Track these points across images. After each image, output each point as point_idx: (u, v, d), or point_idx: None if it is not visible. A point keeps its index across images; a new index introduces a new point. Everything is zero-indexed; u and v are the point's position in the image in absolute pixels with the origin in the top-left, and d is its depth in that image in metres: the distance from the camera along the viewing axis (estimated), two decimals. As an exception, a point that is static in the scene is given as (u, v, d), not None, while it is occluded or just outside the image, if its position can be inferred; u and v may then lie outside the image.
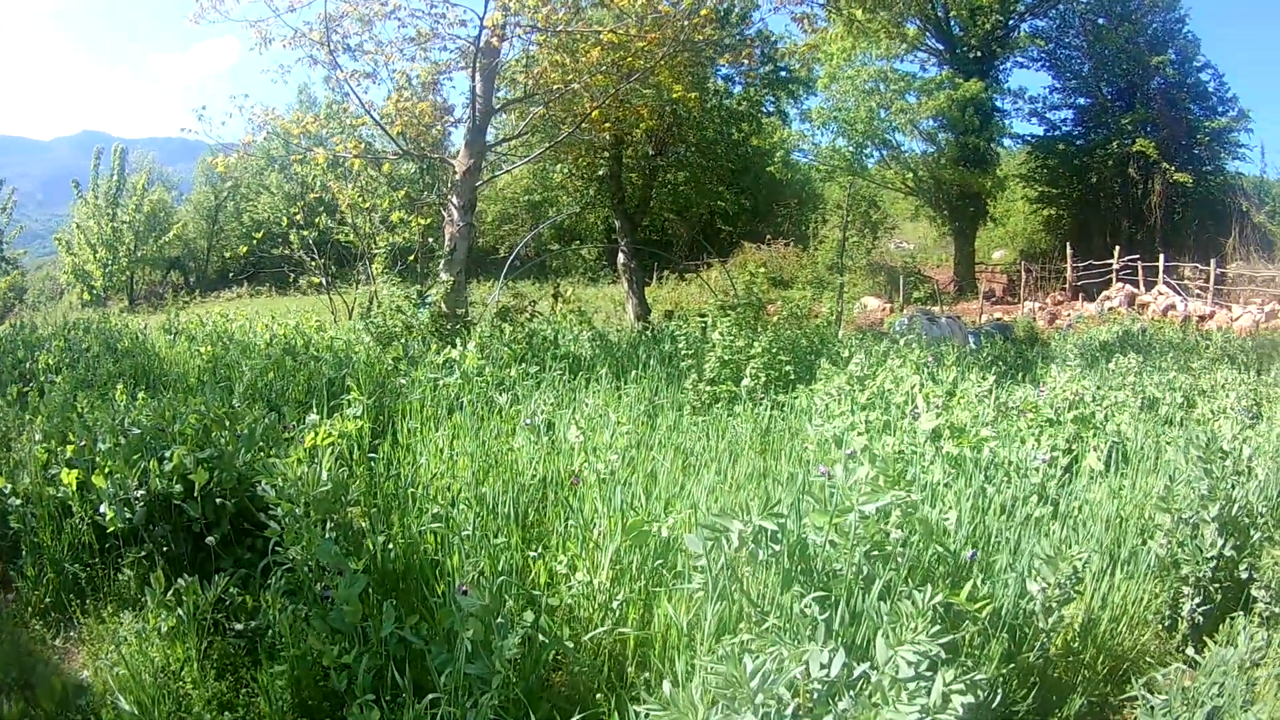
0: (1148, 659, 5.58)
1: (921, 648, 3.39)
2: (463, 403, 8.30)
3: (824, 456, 6.72)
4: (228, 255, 51.21)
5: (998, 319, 30.14)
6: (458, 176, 15.02)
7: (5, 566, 6.13)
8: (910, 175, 42.47)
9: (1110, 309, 31.54)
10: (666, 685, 3.49)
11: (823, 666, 3.30)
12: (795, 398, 9.58)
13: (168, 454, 5.91)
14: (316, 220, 21.58)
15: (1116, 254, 35.63)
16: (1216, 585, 6.13)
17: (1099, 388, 9.74)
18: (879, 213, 46.49)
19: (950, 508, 5.30)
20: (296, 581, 4.88)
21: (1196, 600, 6.11)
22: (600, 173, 27.57)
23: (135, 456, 5.91)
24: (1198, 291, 33.29)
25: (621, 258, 27.60)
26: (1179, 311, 30.16)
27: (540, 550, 5.46)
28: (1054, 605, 4.77)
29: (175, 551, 5.80)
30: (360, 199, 19.72)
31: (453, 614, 4.18)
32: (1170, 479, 6.40)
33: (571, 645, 4.60)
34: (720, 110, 34.05)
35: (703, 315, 15.19)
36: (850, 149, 40.88)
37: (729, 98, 35.89)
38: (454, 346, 10.00)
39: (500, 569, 5.04)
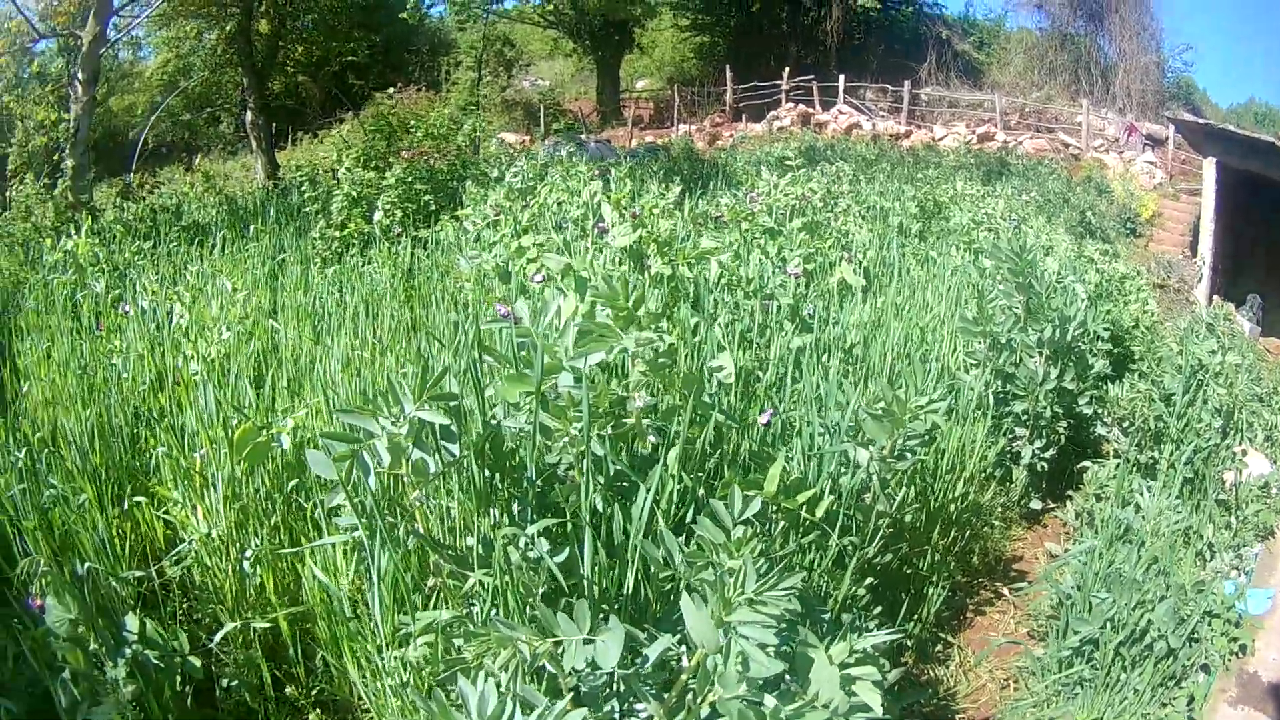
0: (993, 521, 4.94)
1: (776, 610, 2.05)
2: (78, 301, 6.65)
3: (487, 295, 5.42)
4: None
5: (650, 142, 29.10)
6: (84, 47, 13.41)
7: None
8: (550, 7, 41.30)
9: (781, 129, 31.22)
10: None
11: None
12: (439, 231, 8.41)
13: None
14: None
15: (786, 75, 35.17)
16: (1060, 422, 5.53)
17: (830, 193, 8.76)
18: (514, 50, 46.07)
19: (719, 349, 3.91)
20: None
21: (1038, 444, 5.43)
22: (229, 28, 26.14)
23: None
24: (883, 113, 33.31)
25: (249, 116, 26.97)
26: (865, 130, 29.97)
27: (151, 494, 3.77)
28: (889, 477, 3.55)
29: None
30: (14, 104, 18.40)
31: (45, 632, 2.84)
32: (980, 295, 5.66)
33: (198, 663, 3.00)
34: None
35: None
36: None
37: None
38: (69, 237, 8.21)
39: (100, 540, 3.39)
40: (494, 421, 2.61)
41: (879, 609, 3.45)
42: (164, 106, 25.34)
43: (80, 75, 13.32)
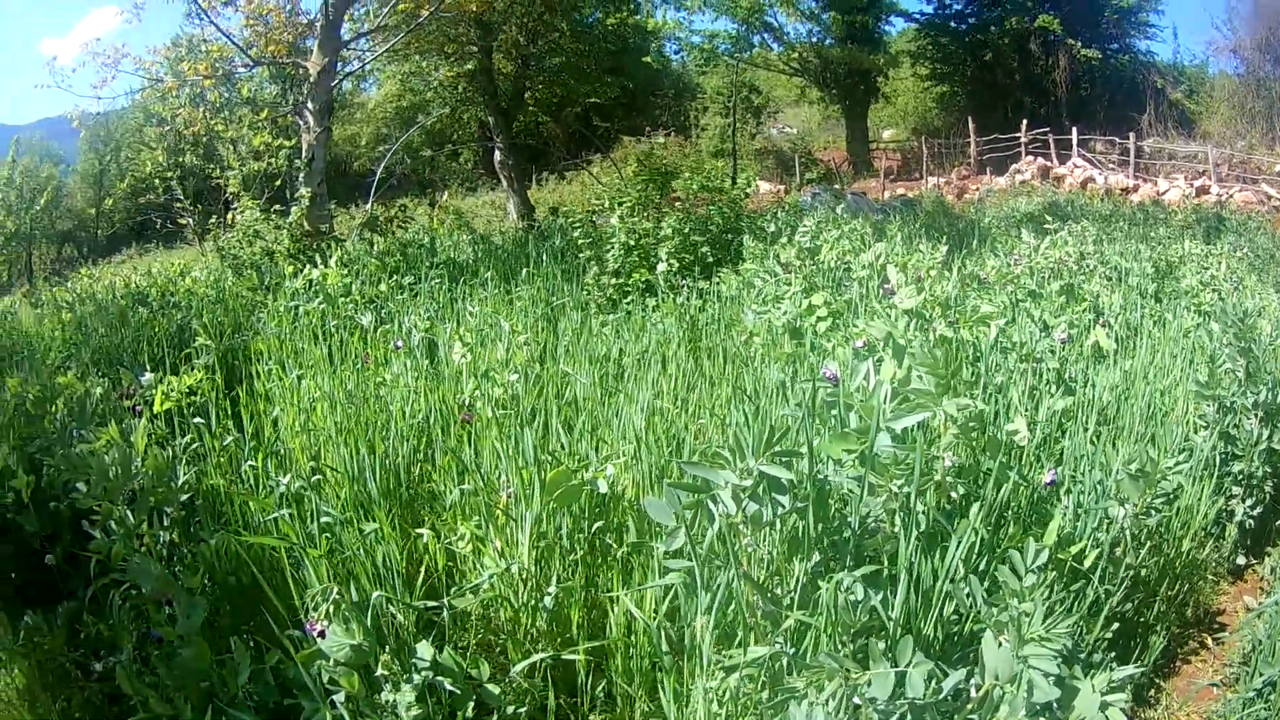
0: (1206, 576, 4.94)
1: (1057, 645, 2.35)
2: (325, 332, 6.80)
3: (778, 353, 5.55)
4: (116, 219, 49.42)
5: (901, 194, 29.39)
6: (312, 79, 13.74)
7: None
8: (795, 56, 41.44)
9: (1022, 182, 30.99)
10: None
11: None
12: (719, 284, 8.24)
13: None
14: (181, 160, 20.13)
15: (1024, 127, 35.01)
16: (1269, 482, 5.44)
17: (1083, 255, 8.63)
18: (761, 97, 45.96)
19: (1014, 413, 4.05)
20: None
21: (1249, 502, 5.39)
22: (469, 66, 25.98)
23: None
24: (1113, 166, 32.61)
25: (498, 155, 26.60)
26: (1099, 184, 29.56)
27: (430, 524, 4.01)
28: (1138, 533, 3.82)
29: (21, 579, 4.43)
30: (221, 127, 18.43)
31: (315, 654, 2.92)
32: (1211, 360, 5.61)
33: (496, 690, 3.12)
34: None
35: (598, 203, 13.98)
36: (735, 28, 39.88)
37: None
38: (315, 266, 8.45)
39: (378, 567, 3.60)
40: (820, 477, 2.82)
41: (1112, 653, 3.64)
42: (404, 140, 25.76)
43: (311, 106, 13.54)
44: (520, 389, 4.85)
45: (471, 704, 3.03)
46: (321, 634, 2.85)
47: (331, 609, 2.88)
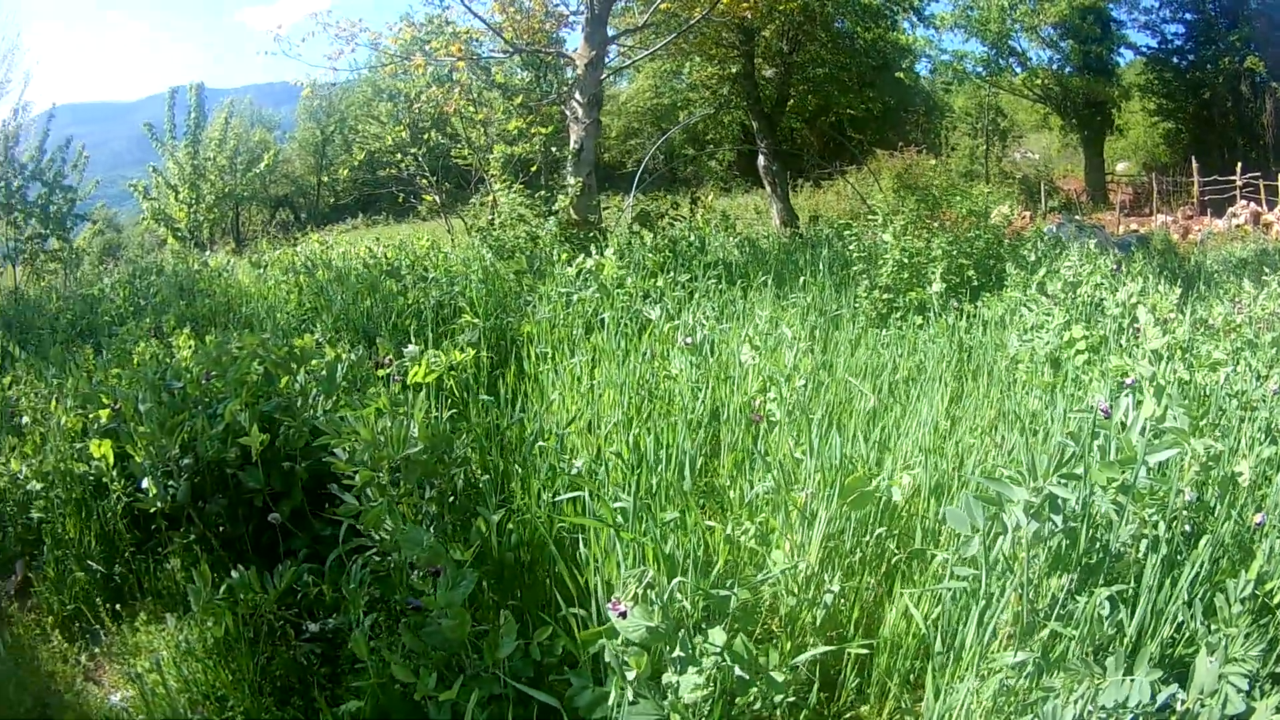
0: None
1: (1248, 667, 2.79)
2: (603, 320, 7.04)
3: (1039, 380, 5.79)
4: (339, 188, 51.06)
5: (1134, 230, 28.61)
6: (579, 71, 13.99)
7: (26, 566, 5.20)
8: (1038, 83, 40.59)
9: (1237, 226, 29.48)
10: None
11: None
12: (983, 307, 8.33)
13: (219, 411, 4.83)
14: (425, 137, 20.71)
15: (1239, 170, 33.54)
16: None
17: None
18: (1006, 120, 45.55)
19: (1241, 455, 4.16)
20: (384, 575, 3.84)
21: None
22: (734, 70, 26.05)
23: (179, 416, 4.77)
24: None
25: (762, 160, 26.57)
26: None
27: (716, 518, 4.29)
28: None
29: (232, 533, 4.73)
30: (471, 109, 18.55)
31: (600, 634, 3.17)
32: None
33: (780, 679, 3.24)
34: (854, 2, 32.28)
35: (870, 213, 13.89)
36: (985, 50, 39.04)
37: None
38: (589, 255, 8.76)
39: (668, 556, 3.62)
40: (1089, 501, 3.16)
41: None
42: (668, 136, 26.18)
43: (580, 98, 13.72)
44: (806, 395, 5.06)
45: (754, 690, 3.16)
46: (623, 614, 3.00)
47: (638, 593, 3.07)
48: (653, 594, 3.07)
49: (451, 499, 4.33)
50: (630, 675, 3.02)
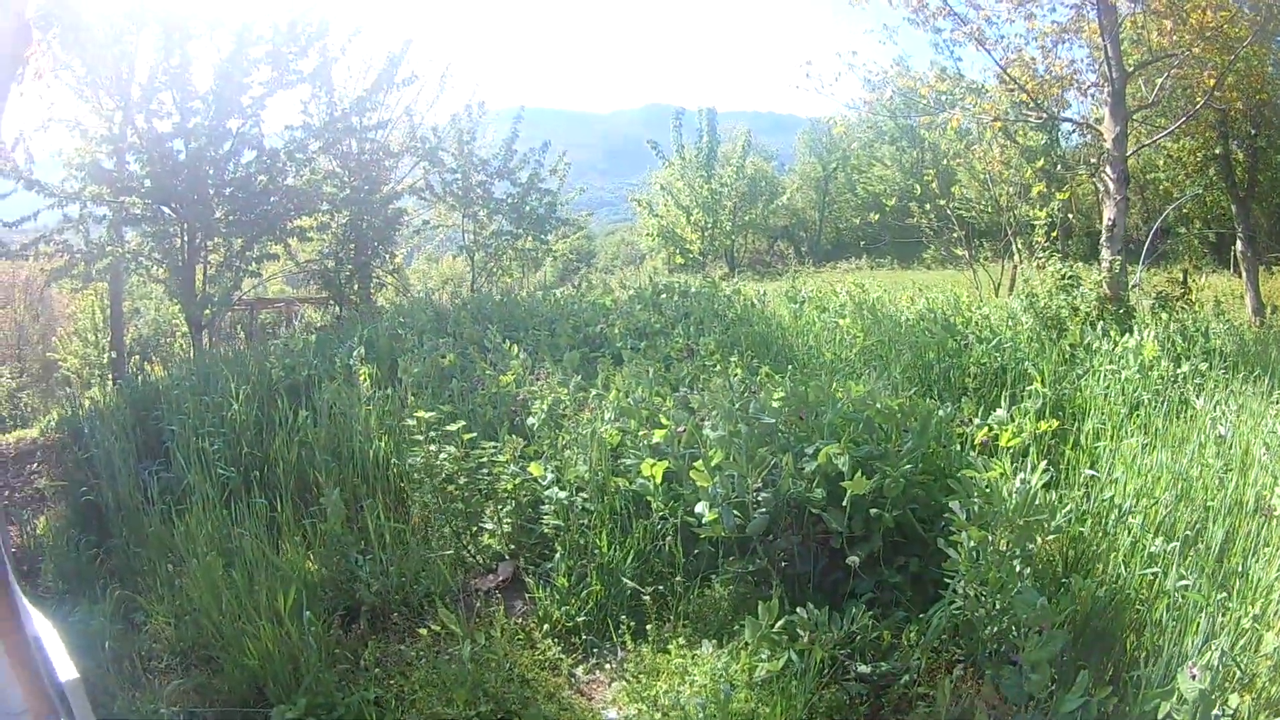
0: None
1: None
2: (1142, 400, 7.06)
3: None
4: (842, 226, 50.61)
5: None
6: (1108, 145, 13.60)
7: (517, 567, 5.45)
8: None
9: None
10: None
11: None
12: None
13: (809, 450, 4.98)
14: (953, 189, 21.20)
15: None
16: None
17: None
18: None
19: None
20: (966, 626, 4.17)
21: None
22: (1217, 150, 25.33)
23: (762, 450, 4.91)
24: None
25: (1240, 245, 25.51)
26: None
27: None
28: None
29: (796, 570, 4.83)
30: (1004, 169, 19.19)
31: (1157, 694, 3.48)
32: None
33: None
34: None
35: None
36: None
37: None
38: (1130, 334, 8.74)
39: (1214, 631, 3.80)
40: None
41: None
42: (1169, 211, 25.79)
43: (1111, 174, 13.34)
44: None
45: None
46: (1193, 676, 3.28)
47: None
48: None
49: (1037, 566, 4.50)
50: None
